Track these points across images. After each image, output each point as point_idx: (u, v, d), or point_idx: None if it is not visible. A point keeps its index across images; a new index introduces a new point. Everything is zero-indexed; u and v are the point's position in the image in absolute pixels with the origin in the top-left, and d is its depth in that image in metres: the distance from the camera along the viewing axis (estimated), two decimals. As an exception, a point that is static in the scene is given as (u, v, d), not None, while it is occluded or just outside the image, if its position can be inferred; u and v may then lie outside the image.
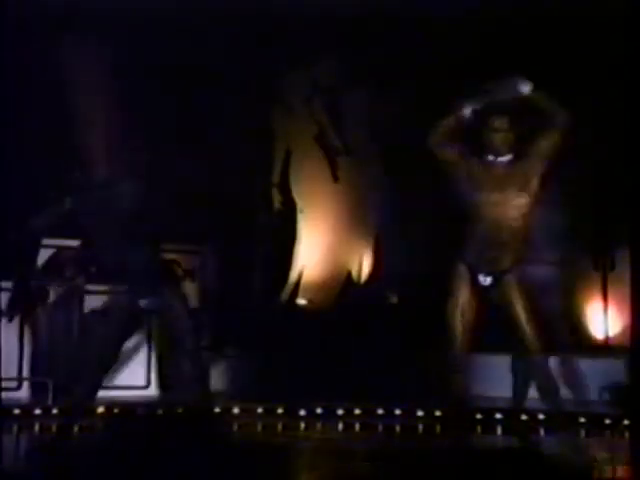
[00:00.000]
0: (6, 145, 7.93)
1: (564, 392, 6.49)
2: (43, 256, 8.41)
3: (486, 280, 5.83)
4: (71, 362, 7.65)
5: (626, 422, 7.15)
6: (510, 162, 5.78)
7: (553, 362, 6.35)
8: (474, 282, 5.82)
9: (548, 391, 5.83)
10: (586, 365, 7.96)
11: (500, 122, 5.84)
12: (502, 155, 5.80)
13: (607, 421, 7.32)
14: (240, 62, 9.02)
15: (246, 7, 8.67)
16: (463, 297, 5.79)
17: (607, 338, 8.89)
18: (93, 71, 8.59)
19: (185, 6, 8.64)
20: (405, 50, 9.03)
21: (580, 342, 8.73)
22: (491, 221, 5.76)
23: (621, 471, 5.87)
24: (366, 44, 9.07)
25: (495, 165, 5.80)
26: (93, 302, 8.19)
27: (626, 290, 7.31)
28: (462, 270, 5.84)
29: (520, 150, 5.82)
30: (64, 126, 8.36)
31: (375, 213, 9.57)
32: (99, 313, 7.90)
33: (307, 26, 8.87)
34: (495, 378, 7.67)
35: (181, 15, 8.66)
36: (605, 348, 8.77)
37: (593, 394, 7.87)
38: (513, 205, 5.78)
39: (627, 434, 7.02)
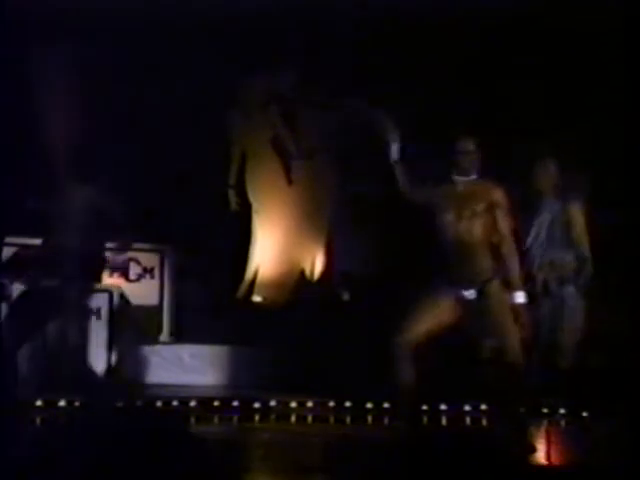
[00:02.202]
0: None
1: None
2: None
3: (470, 293, 5.78)
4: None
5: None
6: (476, 180, 5.81)
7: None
8: (457, 297, 5.76)
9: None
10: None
11: (466, 144, 5.86)
12: (468, 175, 5.83)
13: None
14: (199, 68, 8.93)
15: (207, 12, 8.63)
16: (443, 312, 5.74)
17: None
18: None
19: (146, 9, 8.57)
20: (360, 56, 9.02)
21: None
22: (463, 236, 5.76)
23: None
24: (320, 52, 9.03)
25: (462, 184, 5.82)
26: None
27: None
28: (443, 289, 5.79)
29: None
30: (33, 127, 8.25)
31: (327, 215, 9.58)
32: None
33: (265, 32, 8.85)
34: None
35: (140, 17, 8.56)
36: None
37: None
38: (474, 215, 5.79)
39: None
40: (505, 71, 8.88)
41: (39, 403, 7.22)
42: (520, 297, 5.80)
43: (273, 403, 7.57)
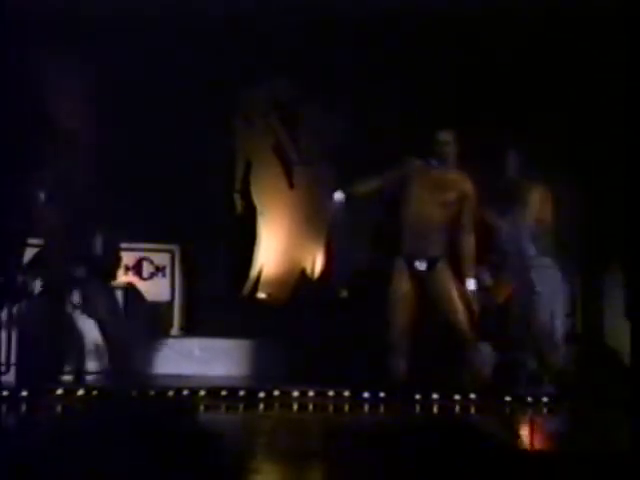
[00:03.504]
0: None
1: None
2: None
3: (422, 265, 6.02)
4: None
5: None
6: (447, 168, 6.03)
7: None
8: (411, 269, 6.01)
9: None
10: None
11: (444, 135, 6.08)
12: (444, 164, 6.05)
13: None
14: (203, 79, 9.08)
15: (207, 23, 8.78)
16: (402, 284, 5.98)
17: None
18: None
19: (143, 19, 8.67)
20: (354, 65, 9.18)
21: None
22: (426, 215, 5.97)
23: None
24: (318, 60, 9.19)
25: (435, 169, 6.04)
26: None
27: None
28: (399, 260, 6.03)
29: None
30: (40, 126, 8.35)
31: (327, 216, 9.71)
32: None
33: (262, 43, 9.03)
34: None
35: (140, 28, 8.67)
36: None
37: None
38: (444, 203, 6.01)
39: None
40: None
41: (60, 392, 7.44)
42: (471, 284, 6.05)
43: (276, 393, 7.75)
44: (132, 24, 8.62)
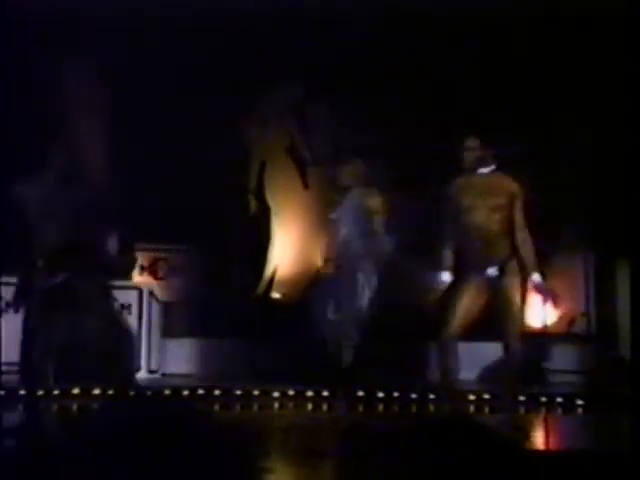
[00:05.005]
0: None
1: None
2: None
3: (493, 271, 5.99)
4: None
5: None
6: (493, 173, 6.00)
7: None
8: (482, 277, 5.96)
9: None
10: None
11: (471, 142, 6.05)
12: (477, 169, 6.02)
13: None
14: (220, 82, 9.00)
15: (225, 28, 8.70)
16: (471, 293, 5.92)
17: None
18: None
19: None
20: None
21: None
22: (482, 223, 5.96)
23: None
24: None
25: (476, 176, 6.01)
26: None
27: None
28: (466, 272, 5.99)
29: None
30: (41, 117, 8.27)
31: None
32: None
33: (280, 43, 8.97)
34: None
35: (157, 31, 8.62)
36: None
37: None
38: (495, 207, 5.98)
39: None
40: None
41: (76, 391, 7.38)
42: (537, 277, 6.03)
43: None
44: (140, 24, 8.57)
